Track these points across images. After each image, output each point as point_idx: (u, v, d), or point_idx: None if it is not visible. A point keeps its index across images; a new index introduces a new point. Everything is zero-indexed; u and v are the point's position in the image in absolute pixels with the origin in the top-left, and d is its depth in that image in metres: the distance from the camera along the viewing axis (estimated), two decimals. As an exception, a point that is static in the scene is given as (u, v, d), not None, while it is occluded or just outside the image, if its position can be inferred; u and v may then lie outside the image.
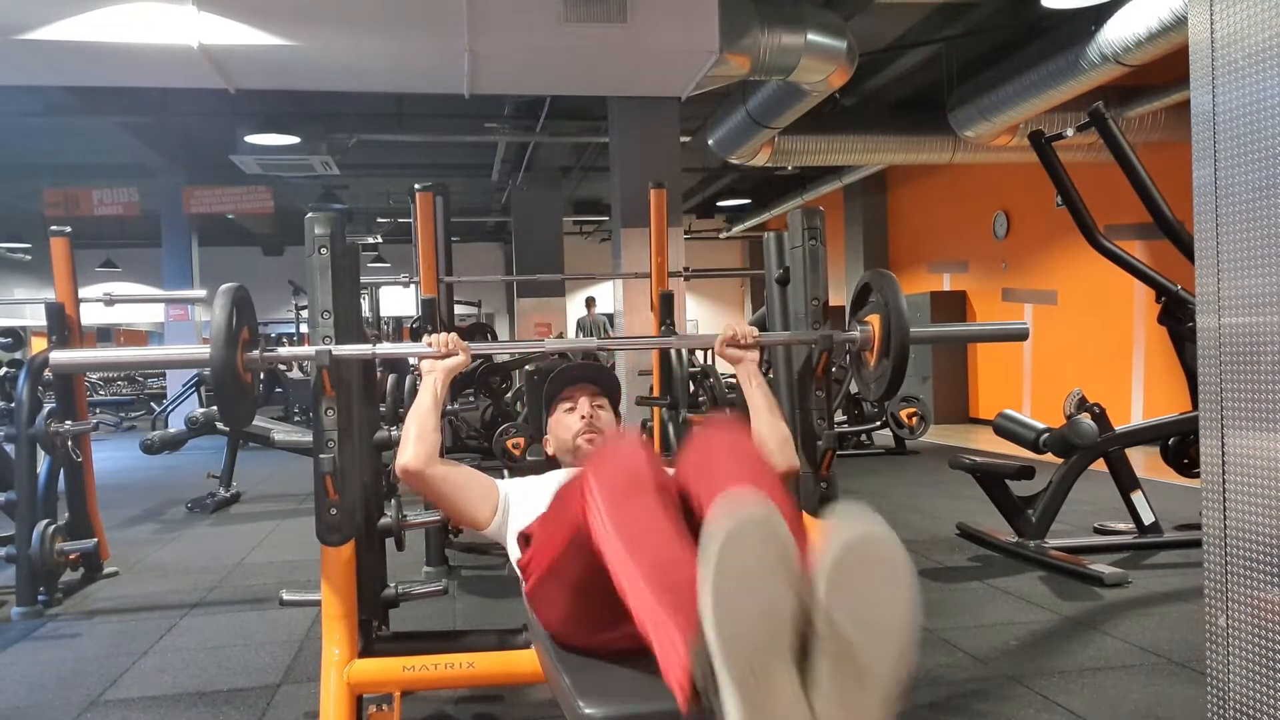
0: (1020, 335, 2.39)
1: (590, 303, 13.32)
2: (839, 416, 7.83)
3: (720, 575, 1.05)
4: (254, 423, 3.98)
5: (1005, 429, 4.46)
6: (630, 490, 1.41)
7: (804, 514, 2.21)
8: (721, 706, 1.07)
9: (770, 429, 1.98)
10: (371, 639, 2.13)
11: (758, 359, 2.11)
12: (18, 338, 6.27)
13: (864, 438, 8.29)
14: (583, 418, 2.08)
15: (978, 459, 4.33)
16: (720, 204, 14.54)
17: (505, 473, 4.57)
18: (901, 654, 1.06)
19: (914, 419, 8.14)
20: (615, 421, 2.18)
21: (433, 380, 1.99)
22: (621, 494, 1.41)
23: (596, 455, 1.54)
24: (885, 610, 1.05)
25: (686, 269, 6.00)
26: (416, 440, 1.87)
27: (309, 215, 2.05)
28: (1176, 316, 4.18)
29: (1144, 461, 5.92)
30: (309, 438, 4.77)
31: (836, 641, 1.05)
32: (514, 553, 1.89)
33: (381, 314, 8.86)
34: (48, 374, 4.08)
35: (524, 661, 1.98)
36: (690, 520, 1.40)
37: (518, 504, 1.95)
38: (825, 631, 1.05)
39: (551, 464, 2.23)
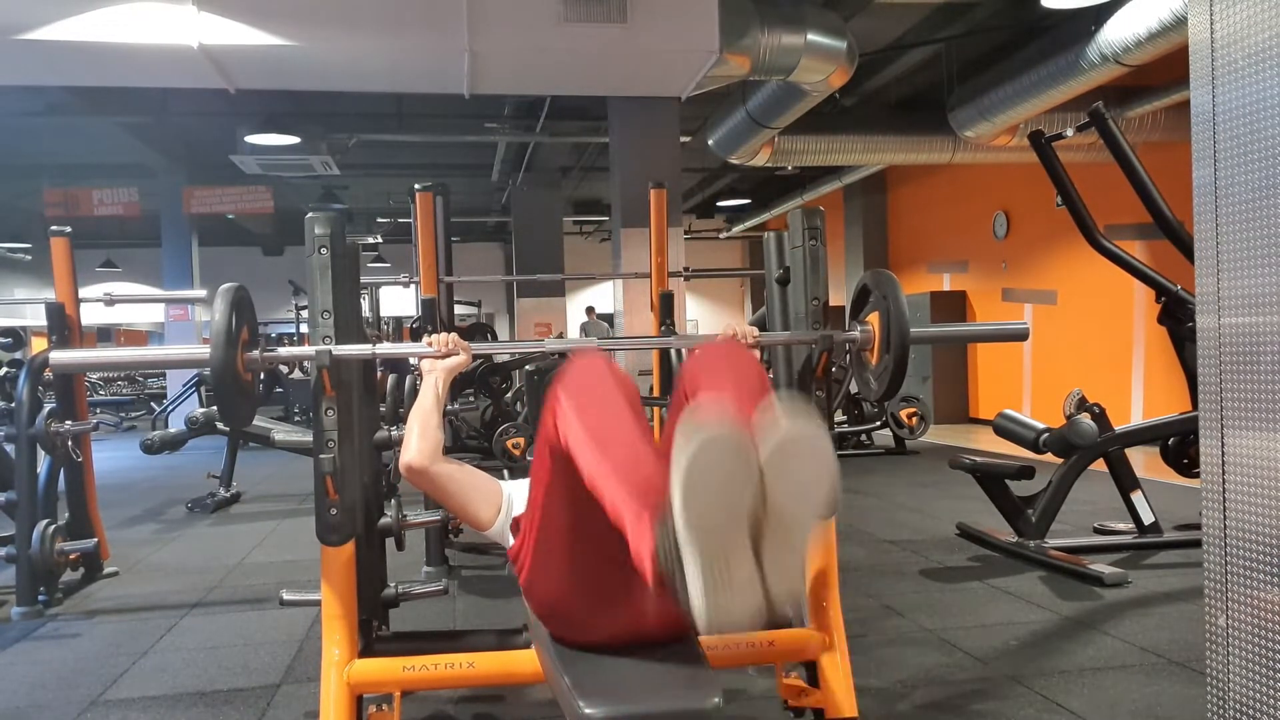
0: (1020, 335, 2.39)
1: (590, 311, 13.43)
2: (839, 416, 7.84)
3: (690, 473, 1.21)
4: (254, 423, 3.99)
5: (1005, 429, 4.46)
6: (596, 394, 1.53)
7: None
8: (685, 578, 1.23)
9: None
10: (371, 639, 2.13)
11: (757, 359, 2.11)
12: (18, 338, 6.26)
13: (864, 438, 8.29)
14: None
15: (978, 459, 4.33)
16: (720, 204, 14.54)
17: (505, 473, 4.58)
18: (818, 514, 1.29)
19: (914, 419, 8.15)
20: None
21: (434, 380, 1.99)
22: (588, 399, 1.52)
23: (562, 371, 1.59)
24: (811, 486, 1.26)
25: (686, 269, 6.00)
26: (420, 437, 1.87)
27: (309, 215, 2.05)
28: (1176, 316, 4.18)
29: (1144, 461, 5.92)
30: (309, 438, 4.77)
31: (776, 514, 1.25)
32: (509, 543, 1.90)
33: (381, 314, 8.87)
34: (48, 374, 4.08)
35: (524, 661, 1.98)
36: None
37: (519, 502, 1.95)
38: (770, 508, 1.25)
39: None
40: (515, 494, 1.98)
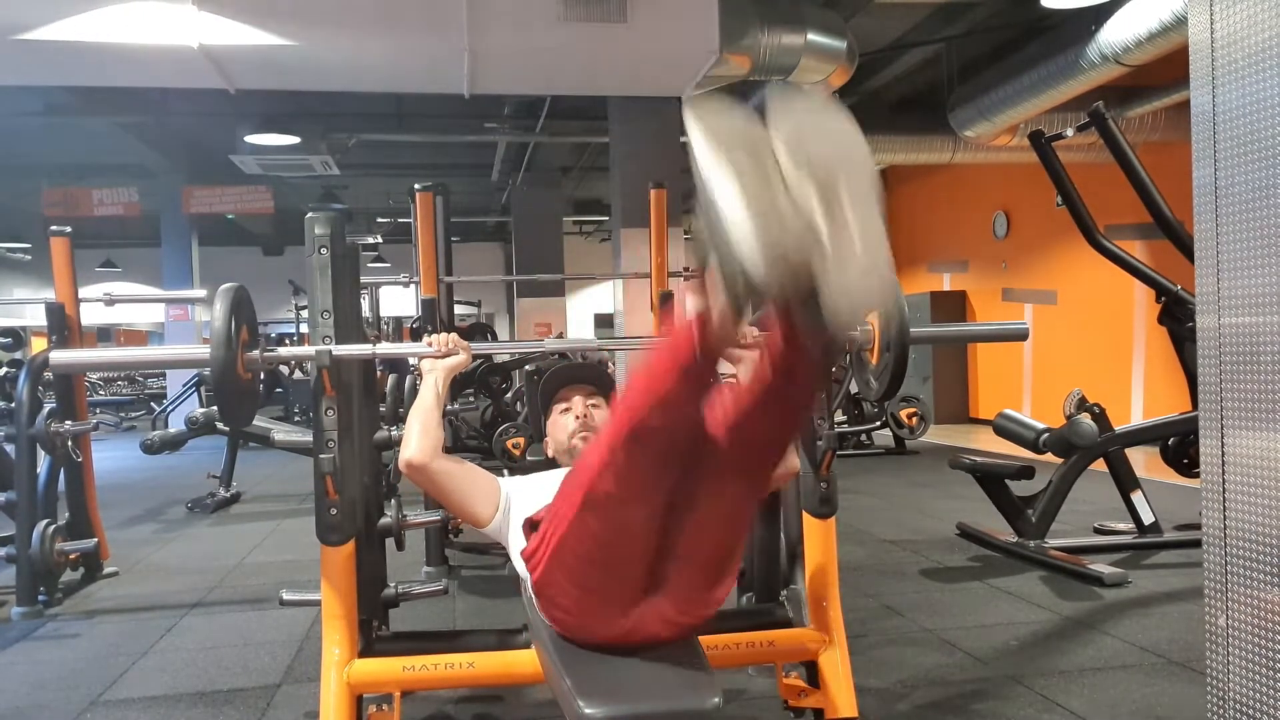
0: (1020, 335, 2.39)
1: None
2: (839, 416, 7.84)
3: (702, 115, 1.18)
4: (254, 423, 3.99)
5: (1005, 429, 4.46)
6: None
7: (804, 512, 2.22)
8: (722, 215, 1.13)
9: None
10: (371, 639, 2.13)
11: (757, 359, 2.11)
12: (18, 338, 6.26)
13: (864, 438, 8.29)
14: (577, 418, 2.08)
15: (978, 459, 4.33)
16: (720, 204, 14.52)
17: (505, 472, 4.58)
18: (849, 149, 1.19)
19: (914, 419, 8.14)
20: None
21: (434, 379, 1.99)
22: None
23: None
24: (831, 138, 1.19)
25: (687, 269, 6.00)
26: (420, 435, 1.87)
27: (309, 215, 2.05)
28: (1176, 316, 4.18)
29: (1144, 461, 5.92)
30: (309, 438, 4.77)
31: (810, 168, 1.15)
32: (517, 545, 1.90)
33: (381, 314, 8.86)
34: (48, 374, 4.08)
35: (524, 661, 1.98)
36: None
37: (519, 501, 1.95)
38: (793, 156, 1.17)
39: (552, 465, 2.23)
40: (514, 492, 1.97)
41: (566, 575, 1.60)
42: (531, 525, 1.77)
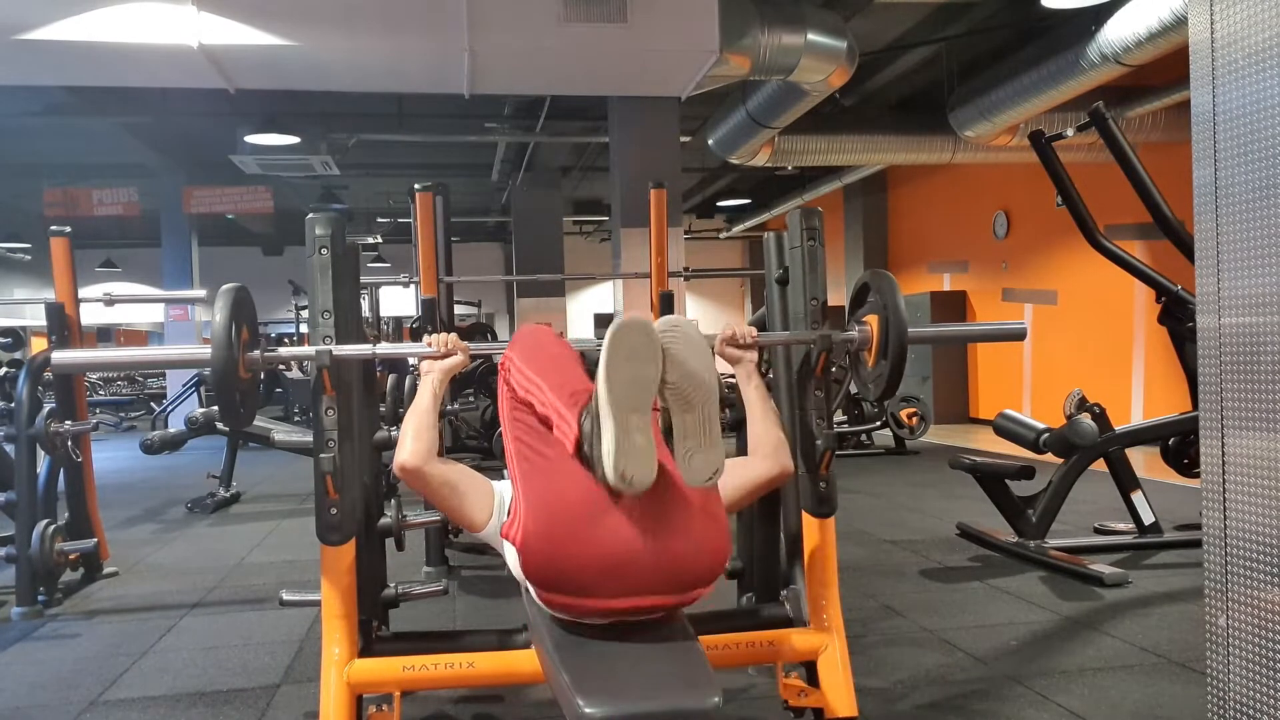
0: (1017, 335, 2.39)
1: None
2: (839, 416, 7.84)
3: (614, 351, 1.63)
4: (254, 423, 3.98)
5: (1005, 429, 4.46)
6: (535, 345, 2.00)
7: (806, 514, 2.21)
8: (600, 443, 1.62)
9: (764, 431, 1.99)
10: (371, 639, 2.13)
11: (756, 359, 2.11)
12: (18, 338, 6.27)
13: (864, 438, 8.29)
14: None
15: (978, 459, 4.33)
16: (720, 204, 14.54)
17: (505, 473, 4.57)
18: (706, 386, 1.70)
19: (914, 419, 8.16)
20: None
21: (431, 380, 1.99)
22: (529, 350, 1.96)
23: (511, 341, 2.05)
24: (694, 361, 1.71)
25: (686, 269, 6.00)
26: (415, 437, 1.87)
27: (310, 216, 2.05)
28: (1177, 316, 4.18)
29: (1144, 461, 5.92)
30: (309, 438, 4.77)
31: (672, 387, 1.69)
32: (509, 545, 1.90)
33: (381, 314, 8.86)
34: (48, 374, 4.08)
35: (524, 661, 1.98)
36: None
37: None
38: (667, 382, 1.69)
39: None
40: (506, 494, 1.98)
41: (535, 513, 1.63)
42: (511, 510, 1.78)
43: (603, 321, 14.33)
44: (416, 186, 4.31)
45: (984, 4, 6.78)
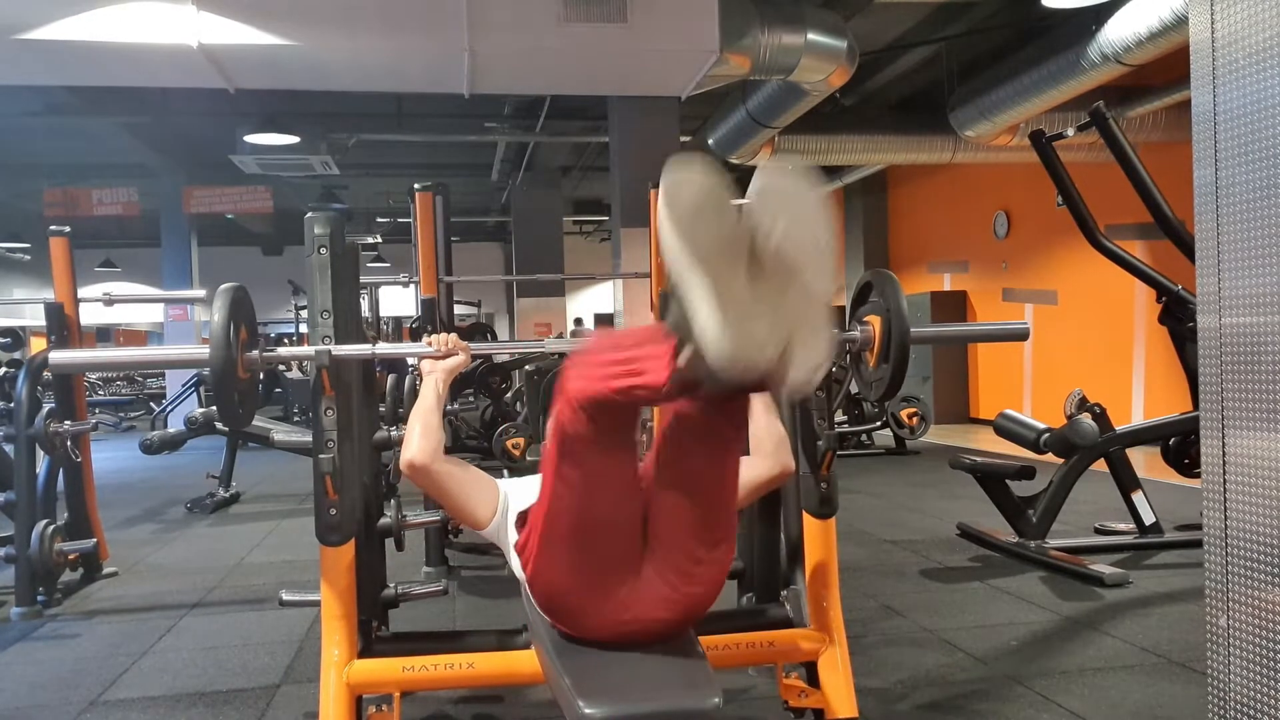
0: (1020, 335, 2.38)
1: (579, 323, 13.49)
2: (839, 417, 7.84)
3: (673, 207, 1.27)
4: (254, 423, 3.98)
5: (1006, 429, 4.46)
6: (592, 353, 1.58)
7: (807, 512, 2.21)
8: (693, 311, 1.26)
9: (766, 429, 1.98)
10: (371, 639, 2.13)
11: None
12: (17, 338, 6.26)
13: (864, 438, 8.28)
14: None
15: (978, 459, 4.33)
16: (720, 204, 14.53)
17: (505, 473, 4.58)
18: (815, 240, 1.30)
19: (914, 419, 8.15)
20: None
21: (434, 380, 1.99)
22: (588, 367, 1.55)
23: (567, 363, 1.61)
24: (804, 225, 1.31)
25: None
26: (421, 436, 1.87)
27: (309, 215, 2.04)
28: (1177, 316, 4.18)
29: (1144, 461, 5.92)
30: (309, 438, 4.77)
31: (771, 251, 1.29)
32: (512, 538, 1.90)
33: (381, 314, 8.86)
34: (47, 374, 4.08)
35: (524, 661, 1.98)
36: None
37: (515, 501, 1.95)
38: (763, 244, 1.29)
39: None
40: (512, 493, 1.97)
41: (555, 556, 1.59)
42: (522, 518, 1.77)
43: (603, 321, 14.32)
44: (416, 186, 4.32)
45: (984, 4, 6.78)
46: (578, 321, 13.53)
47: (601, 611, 1.59)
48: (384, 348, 2.16)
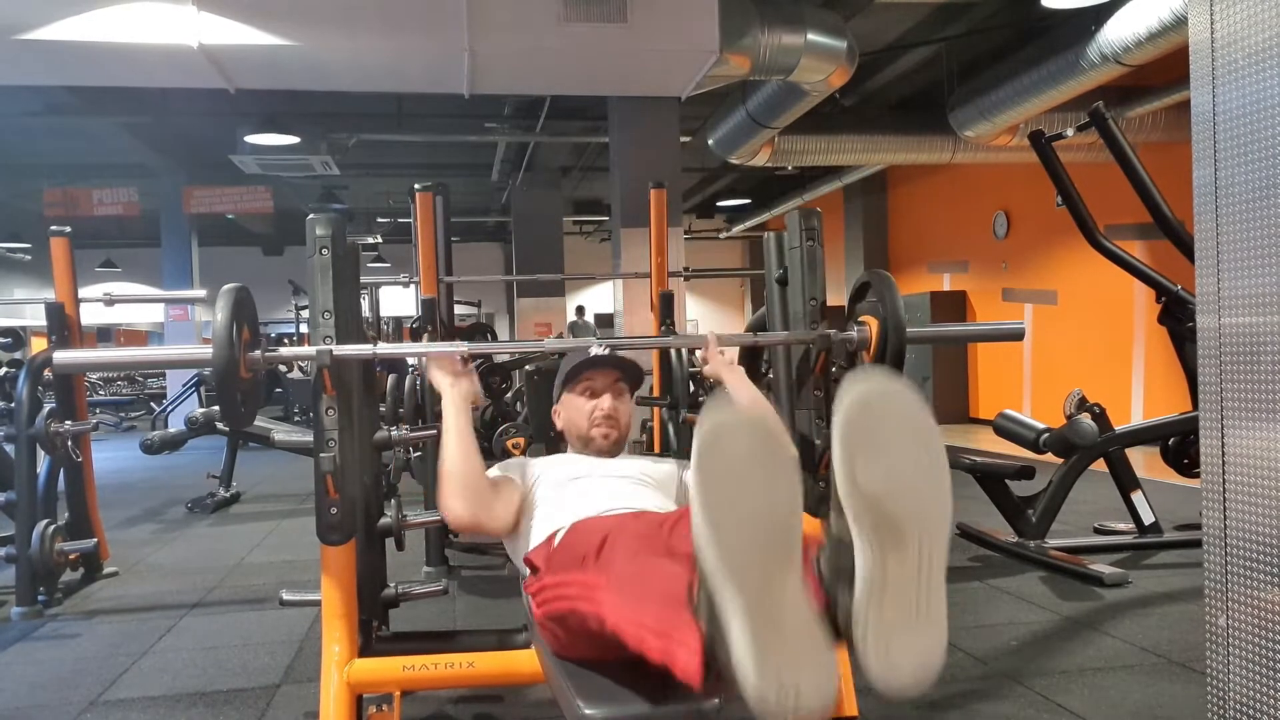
0: (1015, 335, 2.39)
1: (580, 311, 13.45)
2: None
3: (707, 469, 0.95)
4: (254, 423, 3.98)
5: (1005, 429, 4.46)
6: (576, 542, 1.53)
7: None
8: (726, 638, 0.96)
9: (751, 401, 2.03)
10: (371, 639, 2.13)
11: (734, 359, 2.14)
12: (18, 338, 6.26)
13: (864, 438, 8.27)
14: (602, 409, 2.10)
15: (978, 459, 4.33)
16: (720, 204, 14.54)
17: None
18: (933, 505, 0.94)
19: (914, 419, 8.12)
20: (632, 414, 2.20)
21: (453, 414, 1.97)
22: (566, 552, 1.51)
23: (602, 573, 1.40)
24: (909, 461, 0.94)
25: (686, 269, 5.99)
26: (461, 495, 1.86)
27: (310, 217, 2.05)
28: (1177, 316, 4.18)
29: (1144, 461, 5.92)
30: (309, 438, 4.77)
31: (864, 501, 0.93)
32: (519, 547, 1.90)
33: (381, 314, 8.86)
34: (48, 374, 4.08)
35: (524, 661, 1.98)
36: None
37: (519, 477, 1.99)
38: (851, 498, 0.93)
39: (559, 442, 2.28)
40: (516, 477, 2.00)
41: (564, 632, 1.55)
42: (531, 566, 1.76)
43: (603, 321, 14.28)
44: (416, 186, 4.31)
45: (984, 4, 6.78)
46: (579, 310, 13.48)
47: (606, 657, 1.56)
48: (385, 348, 2.16)
